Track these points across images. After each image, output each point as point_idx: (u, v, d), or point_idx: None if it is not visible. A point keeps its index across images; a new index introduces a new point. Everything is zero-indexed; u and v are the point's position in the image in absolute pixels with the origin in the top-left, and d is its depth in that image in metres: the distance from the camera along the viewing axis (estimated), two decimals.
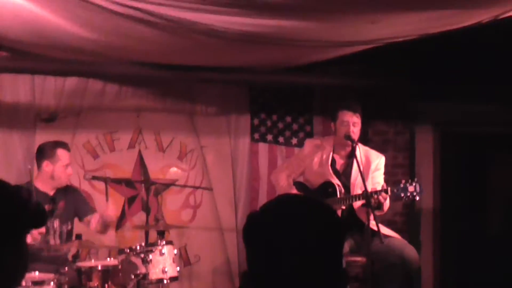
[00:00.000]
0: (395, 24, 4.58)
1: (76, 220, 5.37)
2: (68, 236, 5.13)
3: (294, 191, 5.35)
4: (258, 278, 1.63)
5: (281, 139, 6.65)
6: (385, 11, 4.29)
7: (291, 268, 1.60)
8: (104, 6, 3.99)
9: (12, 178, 5.54)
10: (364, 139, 6.05)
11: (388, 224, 5.69)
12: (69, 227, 5.20)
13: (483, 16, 4.35)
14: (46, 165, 5.07)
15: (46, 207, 5.01)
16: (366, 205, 4.93)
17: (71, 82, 6.00)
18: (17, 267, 1.74)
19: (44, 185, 5.10)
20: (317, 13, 4.28)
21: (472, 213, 7.24)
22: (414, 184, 5.04)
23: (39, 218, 1.77)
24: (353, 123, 5.20)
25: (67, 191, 5.26)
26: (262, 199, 6.46)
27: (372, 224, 4.85)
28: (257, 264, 1.64)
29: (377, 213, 4.97)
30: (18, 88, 5.95)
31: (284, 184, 5.46)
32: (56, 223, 5.06)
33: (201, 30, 4.43)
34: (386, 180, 5.35)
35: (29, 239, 4.76)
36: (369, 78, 6.40)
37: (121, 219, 6.23)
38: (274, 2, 3.95)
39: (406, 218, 6.75)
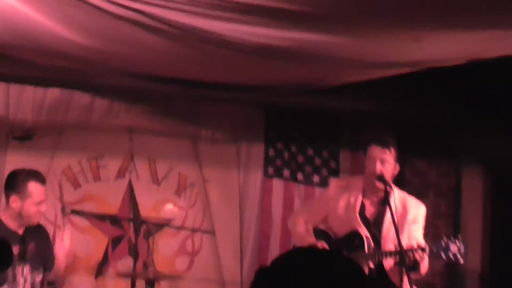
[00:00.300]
0: (443, 43, 4.61)
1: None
2: (42, 286, 5.07)
3: (313, 240, 5.35)
4: None
5: (300, 176, 6.67)
6: (433, 26, 4.29)
7: None
8: (100, 7, 4.01)
9: None
10: (400, 181, 6.04)
11: (425, 286, 5.67)
12: (41, 275, 5.11)
13: None
14: (13, 201, 4.94)
15: (14, 248, 4.98)
16: (400, 264, 4.93)
17: (53, 94, 6.00)
18: None
19: (12, 222, 4.98)
20: (348, 26, 4.31)
21: None
22: (458, 243, 5.02)
23: (4, 259, 1.77)
24: (381, 160, 5.14)
25: (38, 230, 5.18)
26: (274, 248, 6.46)
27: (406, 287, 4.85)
28: None
29: (413, 275, 4.95)
30: None
31: (302, 231, 5.43)
32: (26, 270, 4.96)
33: (212, 40, 4.47)
34: (425, 234, 5.32)
35: None
36: (408, 106, 6.38)
37: (103, 264, 6.22)
38: (298, 10, 3.95)
39: (447, 281, 6.72)
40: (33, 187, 4.98)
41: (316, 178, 6.65)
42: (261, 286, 1.68)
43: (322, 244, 5.23)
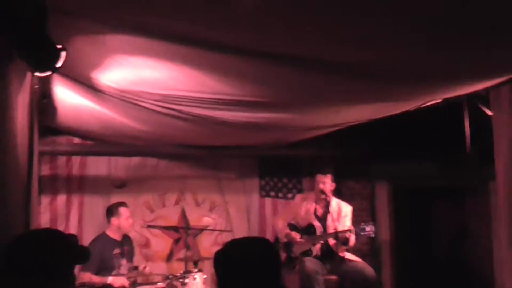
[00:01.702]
0: (353, 113, 4.59)
1: (136, 255, 5.36)
2: (131, 270, 5.06)
3: (287, 230, 5.32)
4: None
5: (280, 195, 6.59)
6: (344, 105, 4.31)
7: (239, 283, 1.60)
8: (151, 108, 4.10)
9: (94, 229, 5.59)
10: (338, 192, 6.00)
11: (357, 251, 5.61)
12: (132, 263, 5.14)
13: (411, 106, 4.38)
14: (114, 220, 5.01)
15: (117, 250, 5.00)
16: (336, 240, 4.91)
17: (135, 160, 6.10)
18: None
19: (114, 234, 5.02)
20: (296, 109, 4.32)
21: (418, 241, 7.15)
22: (370, 225, 5.00)
23: (83, 257, 1.76)
24: (322, 182, 5.17)
25: (128, 238, 5.21)
26: (268, 238, 6.39)
27: (340, 254, 4.83)
28: (221, 281, 1.65)
29: (345, 247, 4.94)
30: (99, 166, 6.05)
31: (281, 226, 5.40)
32: (124, 261, 5.02)
33: (217, 121, 4.49)
34: (354, 221, 5.28)
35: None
36: (342, 149, 6.33)
37: (170, 254, 6.19)
38: (265, 102, 3.97)
39: (371, 246, 6.64)
40: (122, 210, 5.07)
41: (290, 195, 6.58)
42: (215, 260, 1.68)
43: (295, 234, 5.22)
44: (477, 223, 7.08)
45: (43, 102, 4.11)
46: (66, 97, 4.11)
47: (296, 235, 5.22)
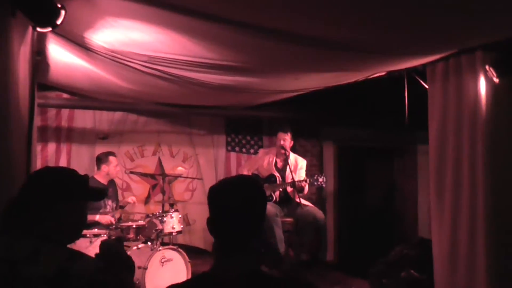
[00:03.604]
0: (310, 80, 4.59)
1: (120, 197, 5.32)
2: (115, 209, 5.08)
3: None
4: (213, 221, 1.62)
5: (244, 150, 6.65)
6: (303, 73, 4.31)
7: (228, 216, 1.57)
8: (137, 68, 3.97)
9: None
10: (293, 149, 6.09)
11: (307, 198, 5.75)
12: (115, 203, 5.13)
13: (359, 76, 4.43)
14: (104, 167, 4.96)
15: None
16: (293, 188, 5.00)
17: (117, 115, 5.98)
18: (81, 223, 1.66)
19: (102, 179, 4.98)
20: (261, 73, 4.28)
21: (356, 193, 7.37)
22: (322, 177, 5.11)
23: (100, 194, 1.70)
24: (283, 139, 5.22)
25: (113, 182, 5.18)
26: None
27: (297, 200, 4.92)
28: (213, 213, 1.63)
29: (300, 195, 5.04)
30: (85, 119, 5.90)
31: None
32: (109, 202, 5.01)
33: (195, 82, 4.42)
34: (306, 174, 5.39)
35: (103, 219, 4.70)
36: (296, 113, 6.40)
37: (148, 198, 6.18)
38: (237, 66, 3.92)
39: (318, 196, 6.82)
40: (112, 158, 5.01)
41: (252, 150, 6.64)
42: (209, 194, 1.62)
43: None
44: (404, 179, 7.36)
45: (37, 59, 3.93)
46: (59, 55, 3.93)
47: None
